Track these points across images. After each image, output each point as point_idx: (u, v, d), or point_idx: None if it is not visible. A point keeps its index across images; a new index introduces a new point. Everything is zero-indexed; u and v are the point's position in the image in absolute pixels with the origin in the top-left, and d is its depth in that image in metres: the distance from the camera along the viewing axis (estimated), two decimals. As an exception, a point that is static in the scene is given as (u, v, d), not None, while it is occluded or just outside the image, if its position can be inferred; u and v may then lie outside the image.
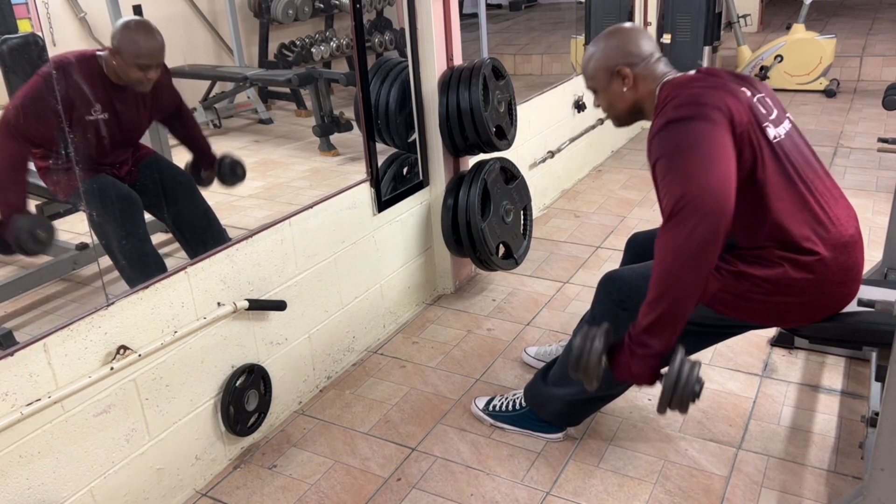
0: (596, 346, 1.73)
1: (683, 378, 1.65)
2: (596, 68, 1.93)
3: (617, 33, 1.93)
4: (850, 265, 1.79)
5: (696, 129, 1.67)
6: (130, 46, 2.44)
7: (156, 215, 2.83)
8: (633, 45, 1.89)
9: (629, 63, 1.87)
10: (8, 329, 2.57)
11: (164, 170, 2.81)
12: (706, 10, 5.10)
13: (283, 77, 5.07)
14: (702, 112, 1.69)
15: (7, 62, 2.84)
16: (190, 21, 5.49)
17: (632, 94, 1.90)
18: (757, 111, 1.77)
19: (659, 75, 1.88)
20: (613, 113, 1.98)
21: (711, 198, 1.60)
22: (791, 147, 1.81)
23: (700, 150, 1.64)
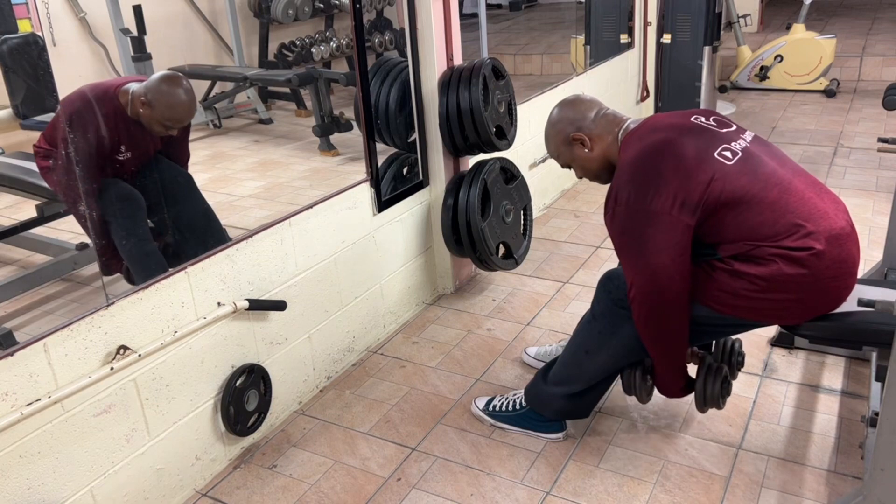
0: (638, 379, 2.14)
1: (708, 392, 2.07)
2: (556, 146, 2.10)
3: (559, 110, 2.09)
4: (843, 258, 1.80)
5: (639, 218, 1.83)
6: (164, 109, 2.43)
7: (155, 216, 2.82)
8: (575, 112, 2.05)
9: (578, 128, 2.03)
10: (8, 329, 2.57)
11: (164, 170, 2.81)
12: (706, 10, 5.10)
13: (283, 77, 5.07)
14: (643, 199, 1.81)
15: (7, 62, 2.84)
16: (190, 21, 5.49)
17: (597, 151, 2.04)
18: (713, 134, 1.88)
19: (612, 125, 2.01)
20: (592, 175, 2.11)
21: (657, 280, 1.82)
22: (758, 155, 1.87)
23: (641, 239, 1.82)
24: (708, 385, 2.06)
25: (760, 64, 6.32)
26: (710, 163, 1.80)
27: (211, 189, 4.01)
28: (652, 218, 1.80)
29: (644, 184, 1.82)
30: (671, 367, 2.03)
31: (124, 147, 2.52)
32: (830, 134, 5.12)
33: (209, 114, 5.08)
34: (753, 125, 5.43)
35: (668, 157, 1.82)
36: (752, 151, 1.87)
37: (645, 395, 2.17)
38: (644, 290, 1.85)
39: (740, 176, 1.80)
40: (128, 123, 2.48)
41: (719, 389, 2.07)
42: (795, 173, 1.87)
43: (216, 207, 2.87)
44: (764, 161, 1.85)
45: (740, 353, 2.25)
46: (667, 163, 1.81)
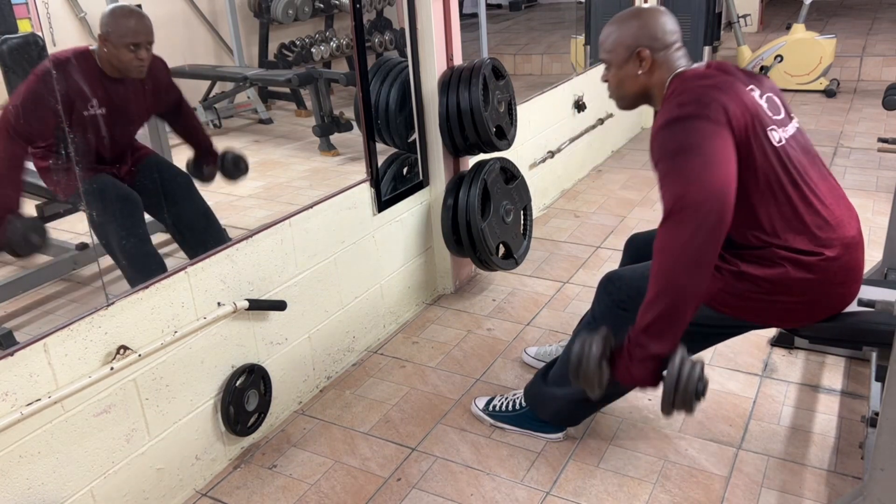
0: (594, 352, 1.71)
1: (684, 379, 1.63)
2: (616, 43, 1.88)
3: (645, 13, 1.88)
4: (851, 265, 1.79)
5: (699, 128, 1.66)
6: (117, 27, 2.44)
7: (155, 216, 2.83)
8: (660, 29, 1.84)
9: (651, 47, 1.83)
10: (8, 329, 2.57)
11: (164, 170, 2.81)
12: (706, 10, 5.10)
13: (283, 77, 5.07)
14: (705, 112, 1.68)
15: (7, 62, 2.84)
16: (190, 21, 5.49)
17: (645, 78, 1.86)
18: (763, 113, 1.77)
19: (674, 65, 1.85)
20: (620, 93, 1.94)
21: (713, 198, 1.59)
22: (795, 149, 1.80)
23: (702, 151, 1.63)
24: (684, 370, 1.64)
25: (760, 64, 6.32)
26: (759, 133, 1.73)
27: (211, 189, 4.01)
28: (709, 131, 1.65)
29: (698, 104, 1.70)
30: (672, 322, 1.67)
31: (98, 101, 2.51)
32: (830, 134, 5.12)
33: (209, 114, 5.09)
34: (753, 125, 5.42)
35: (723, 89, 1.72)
36: (793, 144, 1.80)
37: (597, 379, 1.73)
38: (700, 200, 1.59)
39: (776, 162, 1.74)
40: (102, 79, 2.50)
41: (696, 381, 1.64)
42: (821, 177, 1.83)
43: (216, 207, 2.88)
44: (798, 157, 1.79)
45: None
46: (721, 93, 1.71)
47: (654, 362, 1.70)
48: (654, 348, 1.68)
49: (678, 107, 1.72)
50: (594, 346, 1.72)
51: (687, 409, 1.66)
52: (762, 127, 1.74)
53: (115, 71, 2.49)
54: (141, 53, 2.48)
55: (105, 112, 2.52)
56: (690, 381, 1.63)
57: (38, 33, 2.90)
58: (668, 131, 1.70)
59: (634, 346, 1.71)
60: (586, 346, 1.73)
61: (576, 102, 4.34)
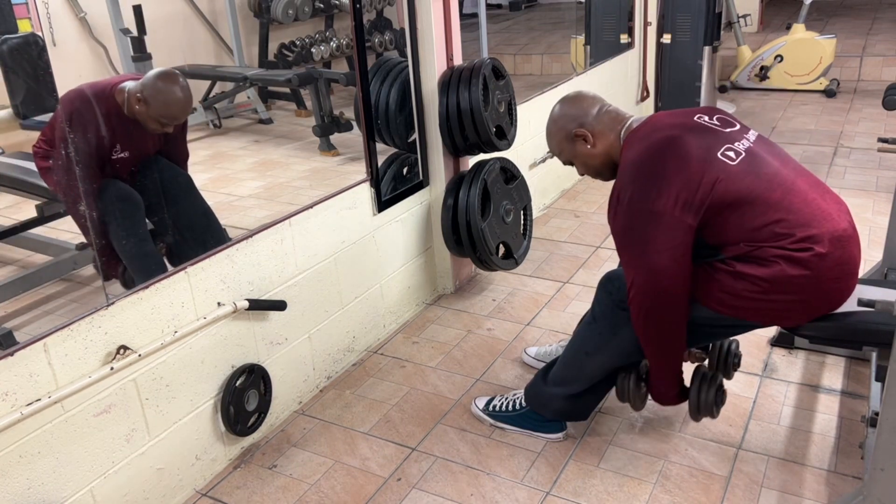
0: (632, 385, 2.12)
1: (702, 400, 2.05)
2: (559, 142, 2.08)
3: (561, 106, 2.08)
4: (845, 259, 1.80)
5: (644, 211, 1.80)
6: (160, 105, 2.42)
7: (154, 216, 2.82)
8: (578, 108, 2.04)
9: (581, 124, 2.02)
10: (8, 329, 2.56)
11: (164, 170, 2.81)
12: (706, 10, 5.10)
13: (283, 77, 5.06)
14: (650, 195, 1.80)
15: (7, 62, 2.84)
16: (190, 21, 5.48)
17: (601, 148, 2.01)
18: (717, 133, 1.87)
19: (615, 123, 2.00)
20: (594, 172, 2.09)
21: (658, 281, 1.81)
22: (762, 153, 1.86)
23: (646, 235, 1.81)
24: (702, 393, 2.05)
25: (760, 64, 6.32)
26: (714, 163, 1.80)
27: (211, 189, 4.01)
28: (654, 218, 1.79)
29: (647, 183, 1.82)
30: (667, 371, 2.02)
31: (121, 146, 2.52)
32: (830, 134, 5.12)
33: (209, 114, 5.08)
34: (753, 125, 5.42)
35: (671, 156, 1.82)
36: (756, 151, 1.86)
37: (638, 402, 2.16)
38: (644, 291, 1.85)
39: (744, 177, 1.79)
40: (125, 122, 2.48)
41: (713, 398, 2.05)
42: (798, 173, 1.87)
43: (216, 207, 2.87)
44: (767, 161, 1.85)
45: (737, 353, 2.24)
46: (670, 163, 1.81)
47: (671, 391, 2.07)
48: (664, 387, 2.07)
49: (629, 183, 1.86)
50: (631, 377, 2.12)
51: (711, 416, 2.10)
52: (717, 144, 1.83)
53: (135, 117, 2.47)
54: (168, 129, 2.49)
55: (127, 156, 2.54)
56: (708, 399, 2.05)
57: (38, 33, 2.90)
58: (618, 214, 1.88)
59: (654, 384, 2.08)
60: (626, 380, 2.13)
61: (576, 102, 4.33)
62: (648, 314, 1.88)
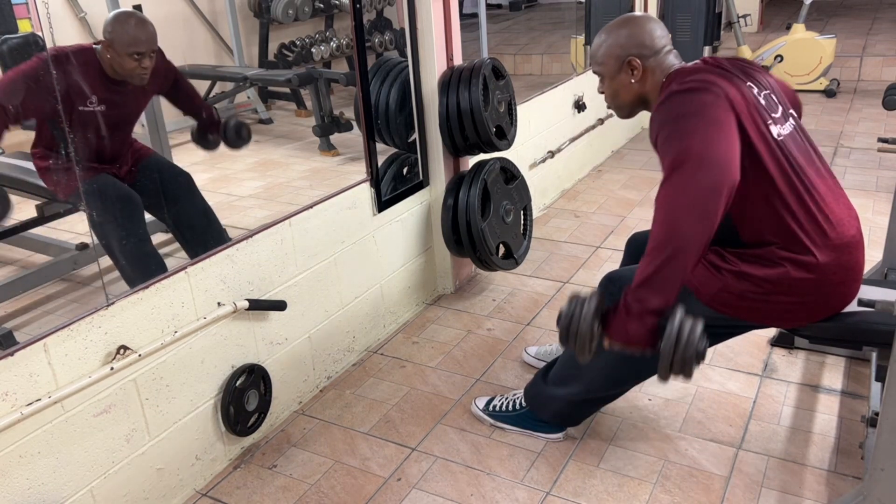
0: (586, 309, 1.64)
1: (684, 337, 1.55)
2: (607, 55, 1.90)
3: (632, 22, 1.90)
4: (851, 265, 1.79)
5: (702, 98, 1.67)
6: (122, 36, 2.44)
7: (156, 215, 2.83)
8: (648, 36, 1.86)
9: (641, 55, 1.85)
10: (8, 329, 2.57)
11: (164, 170, 2.81)
12: (706, 10, 5.10)
13: (283, 77, 5.07)
14: (708, 87, 1.68)
15: (7, 62, 2.84)
16: (190, 21, 5.49)
17: (639, 86, 1.88)
18: (760, 108, 1.76)
19: (667, 68, 1.86)
20: (616, 103, 1.96)
21: (717, 156, 1.58)
22: (793, 146, 1.80)
23: (706, 116, 1.64)
24: (685, 328, 1.57)
25: (761, 64, 6.31)
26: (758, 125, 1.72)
27: (211, 189, 4.01)
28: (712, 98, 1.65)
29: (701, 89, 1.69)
30: (667, 277, 1.61)
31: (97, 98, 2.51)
32: (830, 134, 5.12)
33: (209, 114, 5.08)
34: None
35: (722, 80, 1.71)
36: (790, 142, 1.79)
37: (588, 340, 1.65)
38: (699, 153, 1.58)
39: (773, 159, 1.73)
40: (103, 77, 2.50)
41: (697, 340, 1.57)
42: (819, 175, 1.82)
43: (216, 207, 2.88)
44: (795, 155, 1.78)
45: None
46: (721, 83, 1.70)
47: (652, 317, 1.62)
48: (654, 301, 1.62)
49: (679, 84, 1.73)
50: (586, 303, 1.65)
51: (686, 373, 1.59)
52: (762, 118, 1.74)
53: (116, 74, 2.49)
54: (144, 62, 2.48)
55: (104, 109, 2.52)
56: (691, 339, 1.55)
57: (38, 33, 2.90)
58: (669, 103, 1.70)
59: (633, 300, 1.64)
60: (577, 303, 1.66)
61: (576, 102, 4.34)
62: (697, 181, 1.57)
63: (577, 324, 1.65)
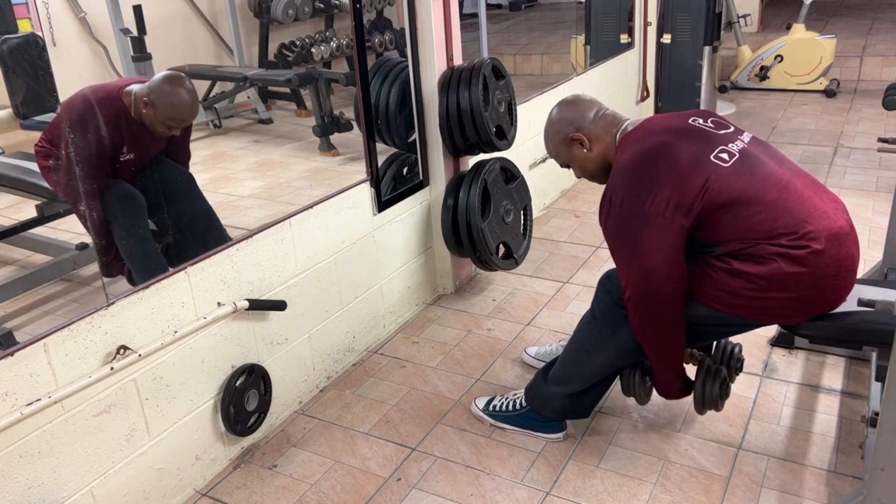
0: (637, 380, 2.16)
1: (707, 392, 2.08)
2: (555, 145, 2.10)
3: (556, 111, 2.10)
4: (843, 256, 1.80)
5: (636, 213, 1.82)
6: (167, 108, 2.42)
7: (155, 216, 2.82)
8: (575, 112, 2.06)
9: (578, 128, 2.04)
10: (8, 329, 2.57)
11: (164, 169, 2.81)
12: (706, 10, 5.10)
13: (283, 77, 5.07)
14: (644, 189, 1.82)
15: (7, 62, 2.84)
16: (190, 21, 5.48)
17: (596, 151, 2.04)
18: (706, 141, 1.87)
19: (611, 126, 2.02)
20: (590, 175, 2.11)
21: (651, 281, 1.83)
22: (756, 155, 1.87)
23: (638, 237, 1.82)
24: (707, 386, 2.07)
25: (760, 64, 6.32)
26: (706, 165, 1.81)
27: (211, 189, 4.00)
28: (646, 219, 1.81)
29: (639, 186, 1.83)
30: (668, 368, 2.03)
31: (127, 148, 2.52)
32: (830, 134, 5.12)
33: (209, 114, 5.08)
34: (753, 125, 5.43)
35: (663, 160, 1.83)
36: (750, 152, 1.87)
37: (643, 395, 2.19)
38: (639, 292, 1.86)
39: (737, 178, 1.80)
40: (131, 125, 2.48)
41: (718, 391, 2.08)
42: (794, 173, 1.88)
43: (216, 207, 2.87)
44: (762, 161, 1.86)
45: (739, 357, 2.24)
46: (662, 166, 1.82)
47: (675, 385, 2.08)
48: (667, 381, 2.07)
49: (621, 186, 1.87)
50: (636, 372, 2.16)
51: (716, 409, 2.14)
52: (707, 159, 1.83)
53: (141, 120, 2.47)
54: (175, 132, 2.49)
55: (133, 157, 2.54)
56: (712, 392, 2.07)
57: (38, 33, 2.90)
58: (610, 216, 1.89)
59: (656, 378, 2.09)
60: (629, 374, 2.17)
61: (576, 102, 4.33)
62: (644, 314, 1.89)
63: (635, 390, 2.20)
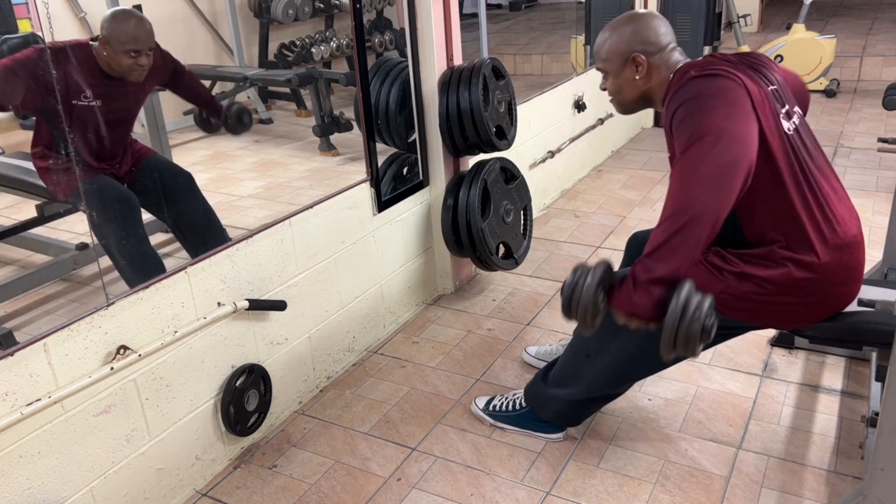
0: (591, 280, 1.57)
1: (691, 309, 1.48)
2: (611, 51, 1.89)
3: (636, 19, 1.88)
4: (852, 265, 1.79)
5: (721, 83, 1.66)
6: (118, 34, 2.44)
7: (157, 215, 2.83)
8: (652, 33, 1.85)
9: (646, 51, 1.84)
10: (8, 329, 2.57)
11: (164, 170, 2.81)
12: (706, 10, 5.10)
13: (283, 77, 5.07)
14: (726, 74, 1.68)
15: (7, 62, 2.83)
16: (190, 21, 5.49)
17: (643, 82, 1.88)
18: (772, 101, 1.76)
19: (672, 65, 1.86)
20: (620, 99, 1.95)
21: (737, 133, 1.57)
22: (799, 143, 1.79)
23: (725, 97, 1.63)
24: (690, 305, 1.50)
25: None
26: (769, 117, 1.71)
27: (211, 189, 4.01)
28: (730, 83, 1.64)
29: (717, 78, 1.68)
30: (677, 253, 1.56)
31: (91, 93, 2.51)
32: (830, 134, 5.12)
33: (209, 114, 5.08)
34: (753, 125, 5.43)
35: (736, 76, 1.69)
36: (797, 138, 1.79)
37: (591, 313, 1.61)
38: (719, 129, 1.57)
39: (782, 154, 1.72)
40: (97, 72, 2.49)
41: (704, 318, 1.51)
42: (823, 174, 1.81)
43: (216, 207, 2.87)
44: (802, 152, 1.78)
45: None
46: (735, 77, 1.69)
47: (659, 288, 1.56)
48: (662, 270, 1.55)
49: (697, 70, 1.71)
50: (591, 273, 1.59)
51: (690, 350, 1.52)
52: (773, 111, 1.73)
53: (113, 71, 2.49)
54: (141, 60, 2.48)
55: (101, 105, 2.52)
56: (698, 313, 1.48)
57: (38, 33, 2.90)
58: (687, 87, 1.68)
59: (640, 269, 1.59)
60: (582, 273, 1.60)
61: (576, 102, 4.34)
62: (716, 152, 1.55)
63: (581, 294, 1.58)
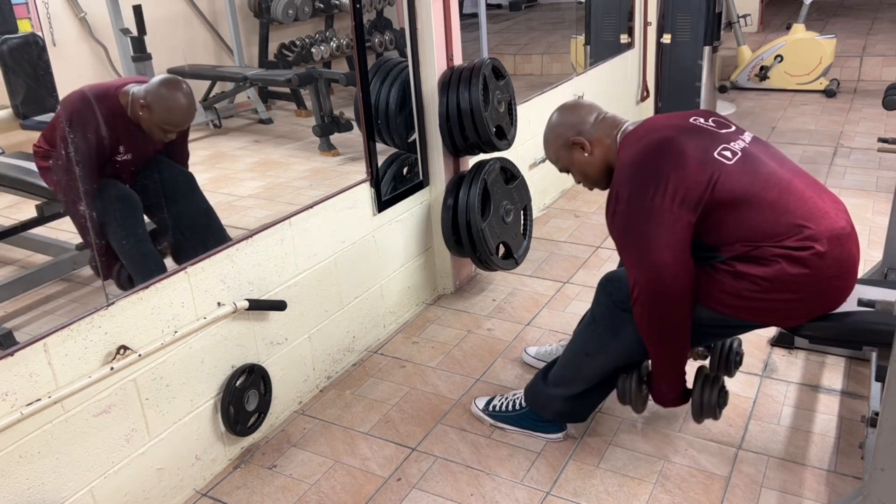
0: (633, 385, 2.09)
1: (705, 401, 2.03)
2: (556, 150, 2.09)
3: (558, 115, 2.09)
4: (844, 257, 1.80)
5: (643, 208, 1.81)
6: (163, 112, 2.43)
7: (156, 215, 2.82)
8: (575, 116, 2.06)
9: (578, 132, 2.03)
10: (8, 329, 2.57)
11: (164, 169, 2.81)
12: (706, 10, 5.10)
13: (283, 77, 5.07)
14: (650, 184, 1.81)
15: (7, 62, 2.84)
16: (190, 21, 5.48)
17: (598, 155, 2.03)
18: (709, 139, 1.86)
19: (611, 128, 2.01)
20: (591, 179, 2.09)
21: (660, 278, 1.80)
22: (757, 155, 1.87)
23: (646, 232, 1.80)
24: (705, 394, 2.03)
25: (760, 64, 6.32)
26: (711, 162, 1.81)
27: (211, 189, 4.00)
28: (653, 215, 1.80)
29: (644, 181, 1.82)
30: (670, 372, 2.00)
31: (123, 148, 2.52)
32: (830, 134, 5.12)
33: (209, 114, 5.08)
34: (753, 125, 5.43)
35: (667, 154, 1.82)
36: (752, 152, 1.87)
37: (640, 404, 2.12)
38: (648, 289, 1.84)
39: (740, 176, 1.80)
40: (128, 125, 2.48)
41: (716, 399, 2.04)
42: (795, 173, 1.88)
43: (216, 207, 2.87)
44: (763, 161, 1.86)
45: (738, 352, 2.25)
46: (667, 160, 1.81)
47: (674, 393, 2.04)
48: (666, 387, 2.03)
49: (626, 181, 1.86)
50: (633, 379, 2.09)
51: (713, 418, 2.09)
52: (711, 156, 1.83)
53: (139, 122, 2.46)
54: (171, 136, 2.49)
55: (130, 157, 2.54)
56: (710, 400, 2.03)
57: (38, 33, 2.90)
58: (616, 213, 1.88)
59: (655, 386, 2.05)
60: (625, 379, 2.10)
61: (576, 102, 4.33)
62: (652, 313, 1.87)
63: (631, 398, 2.12)
